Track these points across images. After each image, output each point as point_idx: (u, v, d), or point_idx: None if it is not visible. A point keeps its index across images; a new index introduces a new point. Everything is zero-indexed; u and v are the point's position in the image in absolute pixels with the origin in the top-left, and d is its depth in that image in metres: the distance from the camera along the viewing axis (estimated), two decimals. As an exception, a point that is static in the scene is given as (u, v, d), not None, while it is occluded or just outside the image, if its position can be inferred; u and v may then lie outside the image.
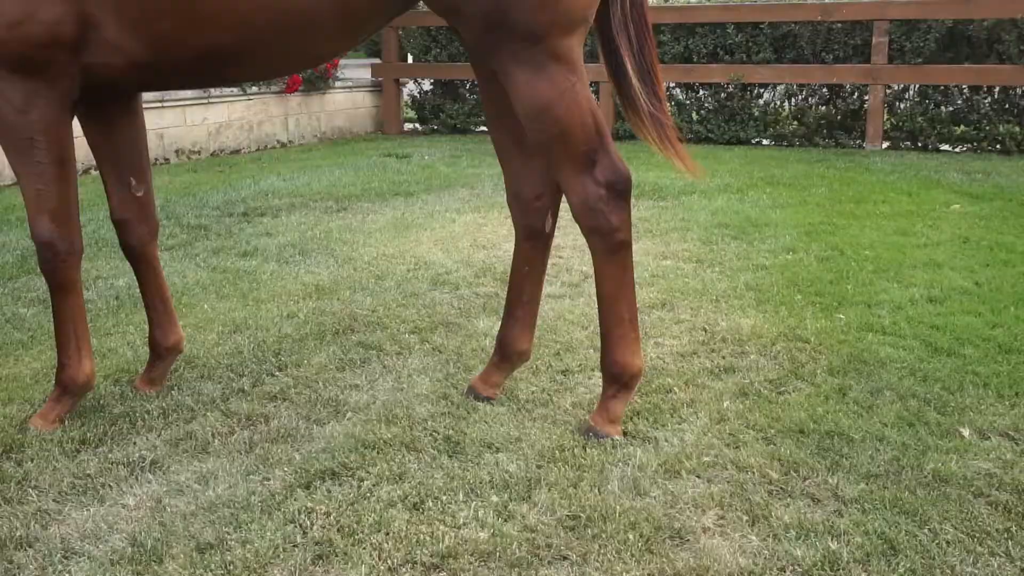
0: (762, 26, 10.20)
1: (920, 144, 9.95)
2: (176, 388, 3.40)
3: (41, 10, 2.66)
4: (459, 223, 6.21)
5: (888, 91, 9.90)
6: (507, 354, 3.27)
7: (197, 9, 2.65)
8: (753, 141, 10.51)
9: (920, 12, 9.50)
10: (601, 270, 2.87)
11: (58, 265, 2.94)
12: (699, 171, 3.04)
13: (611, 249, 2.81)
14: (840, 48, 9.98)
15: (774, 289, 4.49)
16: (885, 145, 10.01)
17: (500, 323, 3.35)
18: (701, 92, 10.75)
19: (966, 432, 2.95)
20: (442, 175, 8.25)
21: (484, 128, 11.78)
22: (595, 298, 3.02)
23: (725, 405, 3.18)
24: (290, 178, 8.09)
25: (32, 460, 2.84)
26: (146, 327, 3.49)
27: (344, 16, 2.70)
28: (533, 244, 3.18)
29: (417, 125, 12.53)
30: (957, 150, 9.82)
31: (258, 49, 2.75)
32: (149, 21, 2.69)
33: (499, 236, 5.76)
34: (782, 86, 10.52)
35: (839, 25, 9.92)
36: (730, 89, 10.42)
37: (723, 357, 3.64)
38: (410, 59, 12.19)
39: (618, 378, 2.94)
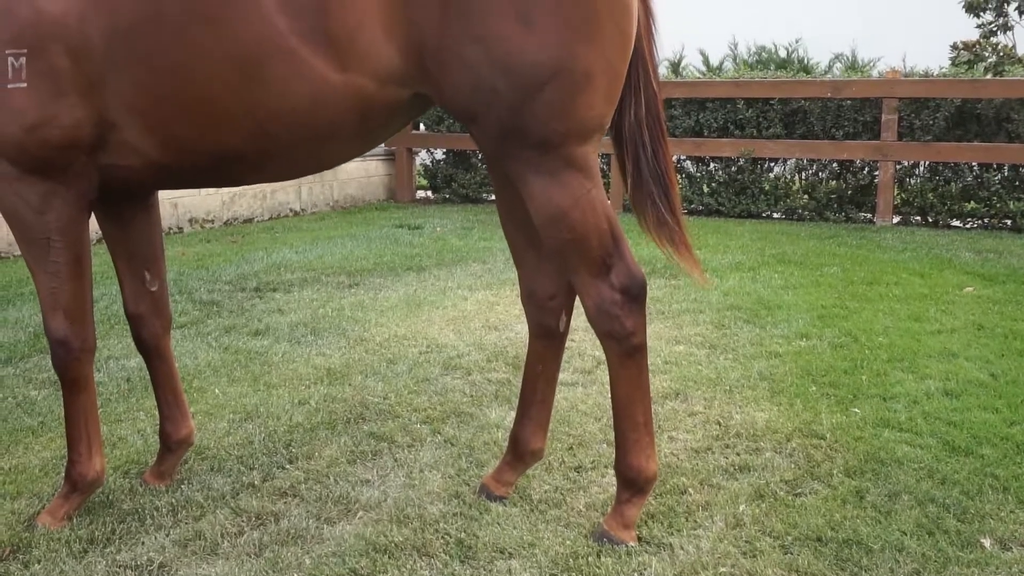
0: (772, 102, 10.30)
1: (930, 220, 9.98)
2: (186, 482, 3.37)
3: (61, 114, 2.69)
4: (471, 301, 6.21)
5: (898, 167, 9.95)
6: (520, 453, 3.24)
7: (215, 114, 2.67)
8: (764, 215, 10.56)
9: (928, 91, 9.59)
10: (616, 374, 2.85)
11: (71, 363, 2.93)
12: (707, 282, 3.05)
13: (626, 353, 2.80)
14: (850, 124, 10.06)
15: (788, 379, 4.46)
16: (896, 220, 10.04)
17: (514, 420, 3.33)
18: (712, 165, 10.83)
19: (987, 542, 2.90)
20: (454, 248, 8.27)
21: (495, 198, 11.83)
22: (608, 386, 3.00)
23: (741, 509, 3.13)
24: (303, 250, 8.12)
25: (39, 562, 2.80)
26: (157, 413, 3.48)
27: (361, 123, 2.72)
28: (547, 344, 3.17)
29: (429, 193, 12.62)
30: (967, 226, 9.85)
31: (275, 154, 2.77)
32: (167, 124, 2.72)
33: (511, 316, 5.75)
34: (792, 160, 10.59)
35: (848, 102, 10.01)
36: (741, 163, 10.50)
37: (738, 454, 3.60)
38: (423, 128, 12.31)
39: (633, 482, 2.91)
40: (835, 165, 10.37)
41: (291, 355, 4.95)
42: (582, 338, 5.18)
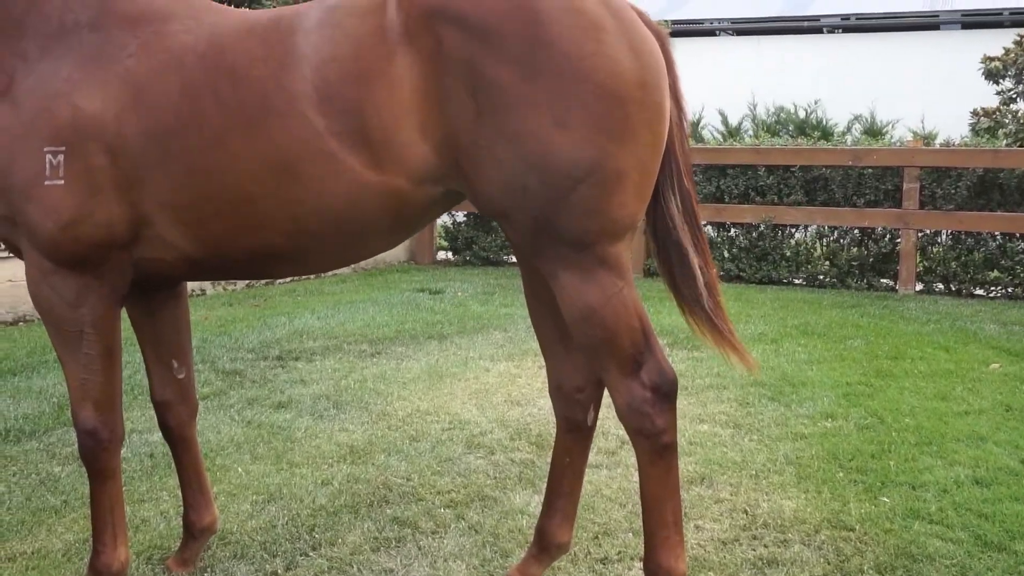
0: (793, 169, 10.33)
1: (954, 288, 9.94)
2: (209, 569, 3.35)
3: (96, 211, 2.71)
4: (493, 372, 6.20)
5: (920, 235, 9.93)
6: (546, 546, 3.21)
7: (253, 213, 2.69)
8: (785, 281, 10.53)
9: (949, 160, 9.61)
10: (646, 472, 2.82)
11: (100, 453, 2.93)
12: (756, 367, 3.05)
13: (656, 451, 2.77)
14: (871, 192, 10.07)
15: (815, 464, 4.40)
16: (919, 287, 9.99)
17: (540, 511, 3.30)
18: (733, 231, 10.83)
19: (1024, 650, 2.83)
20: (475, 315, 8.28)
21: (515, 260, 11.87)
22: (634, 468, 2.97)
23: (771, 608, 3.08)
24: (324, 316, 8.15)
25: (62, 657, 2.78)
26: (180, 495, 3.46)
27: (395, 220, 2.74)
28: (575, 437, 3.15)
29: (450, 255, 12.68)
30: (991, 295, 9.79)
31: (309, 250, 2.79)
32: (204, 222, 2.74)
33: (533, 390, 5.73)
34: (814, 226, 10.59)
35: (870, 170, 10.03)
36: (762, 228, 10.51)
37: (766, 546, 3.55)
38: (444, 190, 12.38)
39: (661, 583, 2.86)
40: (856, 232, 10.36)
41: (314, 430, 4.94)
42: (605, 415, 5.13)
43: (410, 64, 2.58)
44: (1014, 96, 12.03)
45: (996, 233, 9.72)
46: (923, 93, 16.76)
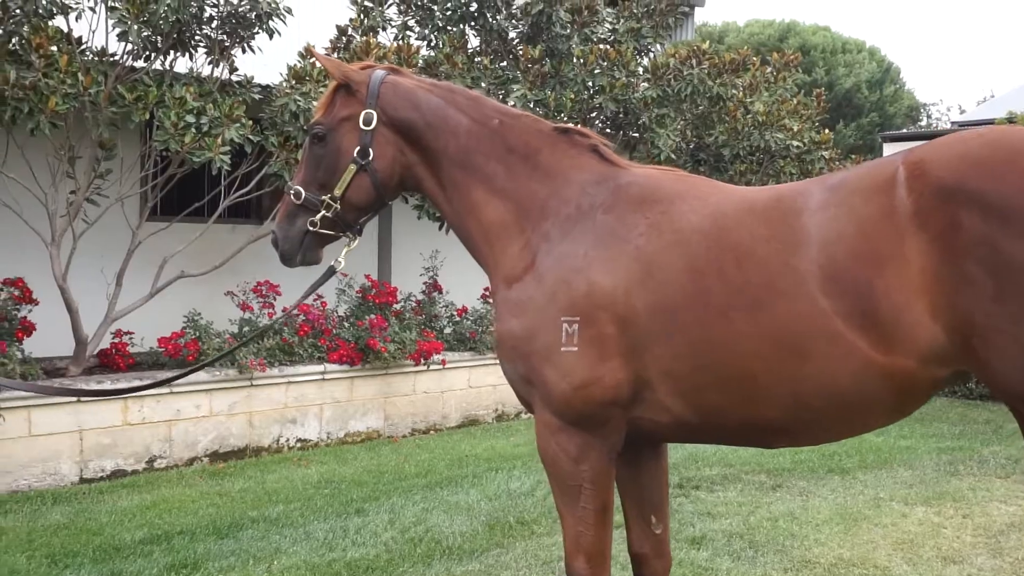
0: None
1: None
2: None
3: (605, 376, 2.87)
4: (911, 519, 5.80)
5: None
6: None
7: (751, 387, 2.72)
8: None
9: None
10: None
11: (588, 604, 3.05)
12: None
13: None
14: None
15: None
16: None
17: None
18: None
19: None
20: (873, 447, 7.86)
21: None
22: None
23: None
24: (713, 440, 8.09)
25: None
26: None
27: (899, 400, 2.66)
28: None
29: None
30: None
31: (806, 425, 2.77)
32: (702, 391, 2.81)
33: (965, 544, 5.29)
34: None
35: None
36: None
37: None
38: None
39: None
40: None
41: (737, 574, 4.86)
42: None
43: (921, 244, 2.52)
44: None
45: None
46: None
